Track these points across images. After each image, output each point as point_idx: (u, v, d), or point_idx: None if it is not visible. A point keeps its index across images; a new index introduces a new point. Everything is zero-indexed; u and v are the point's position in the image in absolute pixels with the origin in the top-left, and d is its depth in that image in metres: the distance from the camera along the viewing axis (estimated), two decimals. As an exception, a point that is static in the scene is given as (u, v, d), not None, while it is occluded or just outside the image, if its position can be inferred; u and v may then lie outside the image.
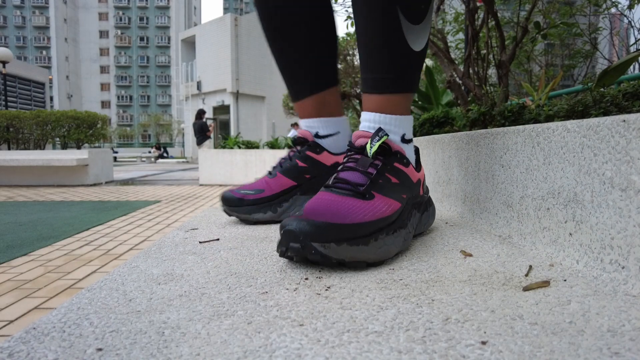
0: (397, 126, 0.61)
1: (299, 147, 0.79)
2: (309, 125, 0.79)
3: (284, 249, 0.48)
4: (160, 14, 62.91)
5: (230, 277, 0.47)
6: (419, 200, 0.63)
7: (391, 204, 0.53)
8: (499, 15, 1.24)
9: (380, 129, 0.57)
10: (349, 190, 0.53)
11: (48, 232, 2.39)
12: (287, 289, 0.42)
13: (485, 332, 0.31)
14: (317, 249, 0.46)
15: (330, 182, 0.56)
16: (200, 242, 0.63)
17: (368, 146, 0.56)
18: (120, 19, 62.70)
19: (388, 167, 0.57)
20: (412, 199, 0.60)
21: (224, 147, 6.40)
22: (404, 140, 0.61)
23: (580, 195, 0.47)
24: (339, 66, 4.80)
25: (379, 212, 0.51)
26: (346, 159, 0.60)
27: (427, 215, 0.65)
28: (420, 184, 0.64)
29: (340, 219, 0.48)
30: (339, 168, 0.59)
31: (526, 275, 0.44)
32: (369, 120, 0.61)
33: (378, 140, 0.56)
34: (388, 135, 0.57)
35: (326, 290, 0.42)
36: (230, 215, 0.76)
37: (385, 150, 0.58)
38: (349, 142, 0.61)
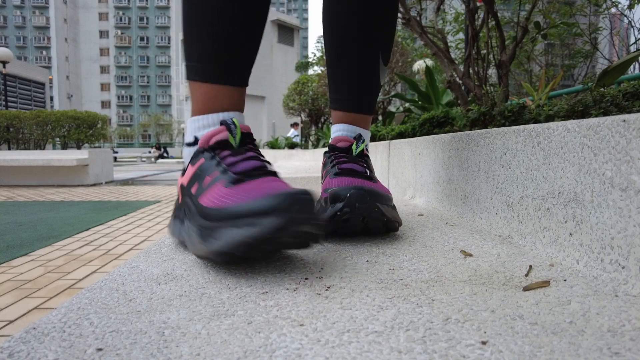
0: (366, 138, 0.78)
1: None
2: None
3: (349, 209, 0.57)
4: (160, 14, 62.91)
5: (230, 277, 0.47)
6: None
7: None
8: (499, 15, 1.24)
9: (360, 136, 0.74)
10: (362, 176, 0.67)
11: (48, 232, 2.39)
12: (287, 289, 0.42)
13: (485, 332, 0.31)
14: (379, 207, 0.58)
15: (339, 171, 0.68)
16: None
17: (354, 147, 0.73)
18: (121, 19, 62.71)
19: (369, 163, 0.74)
20: None
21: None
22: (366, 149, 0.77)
23: (580, 195, 0.47)
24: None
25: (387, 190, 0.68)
26: (333, 156, 0.73)
27: None
28: None
29: (383, 190, 0.64)
30: (335, 162, 0.71)
31: (526, 275, 0.44)
32: (348, 130, 0.77)
33: (362, 144, 0.73)
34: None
35: (326, 290, 0.42)
36: None
37: (361, 153, 0.73)
38: (331, 144, 0.75)
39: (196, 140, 0.59)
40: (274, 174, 0.53)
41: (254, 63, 0.64)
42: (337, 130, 0.78)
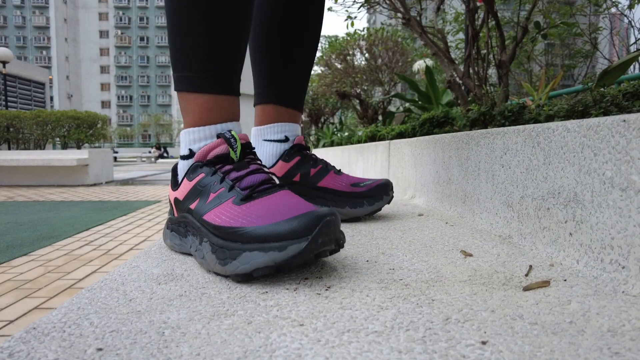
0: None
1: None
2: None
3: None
4: (161, 14, 62.90)
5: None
6: None
7: None
8: (499, 15, 1.24)
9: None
10: None
11: (48, 232, 2.39)
12: (287, 289, 0.42)
13: (485, 332, 0.31)
14: None
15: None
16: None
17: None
18: (120, 19, 62.71)
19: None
20: None
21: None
22: None
23: (580, 195, 0.47)
24: (339, 66, 4.80)
25: None
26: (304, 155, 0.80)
27: None
28: None
29: None
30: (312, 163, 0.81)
31: (526, 275, 0.44)
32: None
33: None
34: None
35: (326, 290, 0.42)
36: None
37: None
38: (299, 144, 0.81)
39: (191, 153, 0.57)
40: (282, 187, 0.52)
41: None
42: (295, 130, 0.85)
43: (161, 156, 19.73)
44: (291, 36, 0.81)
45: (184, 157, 0.59)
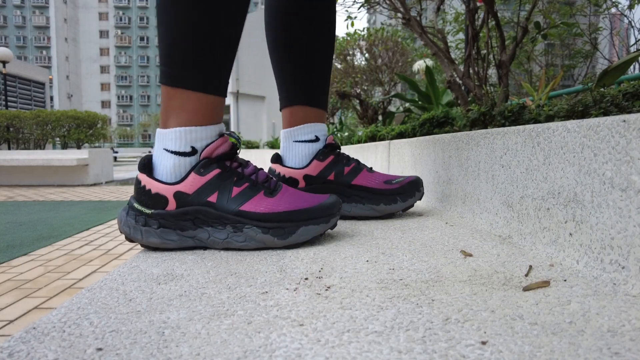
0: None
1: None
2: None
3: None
4: (161, 14, 62.81)
5: (230, 277, 0.47)
6: None
7: None
8: (499, 15, 1.24)
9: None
10: None
11: (48, 232, 2.39)
12: (287, 289, 0.42)
13: (485, 332, 0.31)
14: None
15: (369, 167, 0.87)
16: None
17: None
18: (120, 19, 62.71)
19: None
20: None
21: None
22: None
23: (580, 195, 0.47)
24: (339, 66, 4.80)
25: None
26: (335, 155, 0.83)
27: None
28: None
29: None
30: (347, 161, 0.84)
31: (526, 275, 0.44)
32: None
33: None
34: None
35: (326, 290, 0.42)
36: None
37: None
38: (332, 144, 0.84)
39: (194, 151, 0.59)
40: (278, 182, 0.65)
41: None
42: (325, 129, 0.88)
43: (161, 156, 19.68)
44: (312, 37, 0.83)
45: (182, 154, 0.59)
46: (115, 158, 19.36)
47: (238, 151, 0.63)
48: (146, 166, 0.60)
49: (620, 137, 0.41)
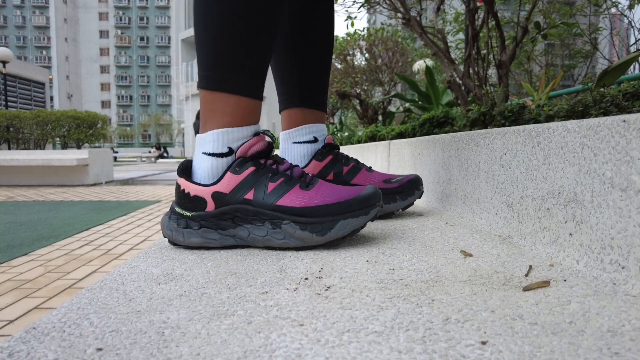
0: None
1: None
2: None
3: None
4: (160, 14, 62.93)
5: (230, 277, 0.47)
6: None
7: None
8: (499, 15, 1.24)
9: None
10: None
11: (48, 232, 2.39)
12: (287, 289, 0.42)
13: (485, 332, 0.31)
14: None
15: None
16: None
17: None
18: (120, 19, 62.71)
19: None
20: None
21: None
22: None
23: (580, 195, 0.47)
24: (339, 66, 4.80)
25: None
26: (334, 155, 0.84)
27: None
28: None
29: None
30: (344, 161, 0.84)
31: (526, 275, 0.44)
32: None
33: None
34: None
35: (326, 290, 0.42)
36: None
37: None
38: (330, 144, 0.84)
39: (230, 151, 0.61)
40: (314, 176, 0.66)
41: None
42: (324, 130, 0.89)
43: (161, 156, 19.74)
44: (310, 38, 0.83)
45: (220, 155, 0.61)
46: (115, 158, 19.39)
47: (273, 149, 0.64)
48: (185, 170, 0.62)
49: (620, 137, 0.41)
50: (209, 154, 0.61)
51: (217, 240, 0.59)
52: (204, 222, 0.59)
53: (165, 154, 21.69)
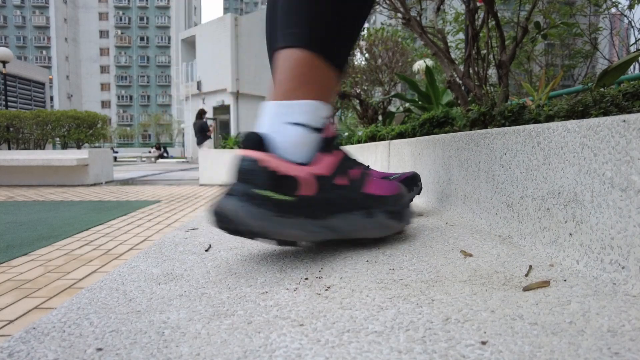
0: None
1: None
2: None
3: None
4: (160, 14, 62.91)
5: (230, 277, 0.47)
6: None
7: None
8: (499, 15, 1.24)
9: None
10: None
11: (48, 232, 2.39)
12: (287, 289, 0.42)
13: (485, 332, 0.31)
14: None
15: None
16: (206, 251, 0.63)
17: None
18: (120, 19, 62.70)
19: None
20: None
21: (224, 147, 6.40)
22: None
23: (580, 195, 0.47)
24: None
25: None
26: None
27: None
28: None
29: None
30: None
31: (526, 275, 0.44)
32: None
33: None
34: None
35: (326, 290, 0.42)
36: None
37: None
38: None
39: (321, 129, 0.52)
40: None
41: None
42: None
43: (161, 156, 19.75)
44: None
45: (314, 129, 0.51)
46: (115, 158, 19.39)
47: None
48: (259, 144, 0.49)
49: (620, 137, 0.41)
50: (303, 125, 0.50)
51: (314, 232, 0.50)
52: (300, 210, 0.48)
53: (165, 154, 21.70)
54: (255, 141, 0.48)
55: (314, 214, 0.50)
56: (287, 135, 0.50)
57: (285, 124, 0.50)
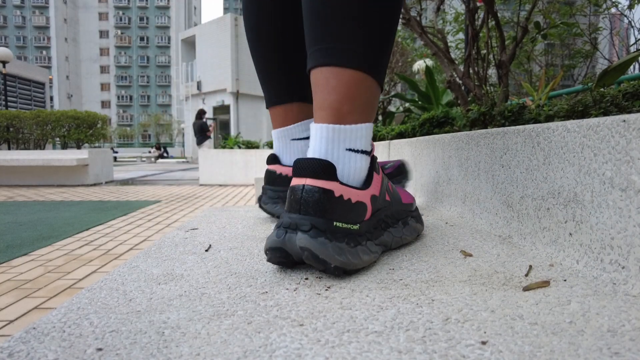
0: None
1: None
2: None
3: None
4: (160, 14, 62.92)
5: (230, 277, 0.47)
6: None
7: None
8: (499, 15, 1.24)
9: None
10: None
11: (48, 232, 2.39)
12: (287, 289, 0.42)
13: (485, 332, 0.31)
14: None
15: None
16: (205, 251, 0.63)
17: None
18: (120, 19, 62.71)
19: None
20: None
21: (224, 147, 6.40)
22: None
23: (580, 195, 0.47)
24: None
25: None
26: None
27: None
28: None
29: None
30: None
31: (526, 275, 0.44)
32: None
33: None
34: None
35: (326, 290, 0.42)
36: None
37: None
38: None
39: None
40: None
41: None
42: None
43: (161, 156, 19.75)
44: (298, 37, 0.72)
45: (368, 153, 0.51)
46: (115, 158, 19.39)
47: None
48: (330, 173, 0.45)
49: (620, 137, 0.41)
50: (362, 152, 0.50)
51: (376, 254, 0.49)
52: (365, 236, 0.48)
53: (165, 154, 21.70)
54: (328, 170, 0.45)
55: (372, 236, 0.50)
56: (350, 162, 0.49)
57: (346, 151, 0.49)
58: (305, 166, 0.45)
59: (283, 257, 0.46)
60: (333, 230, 0.44)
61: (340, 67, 0.49)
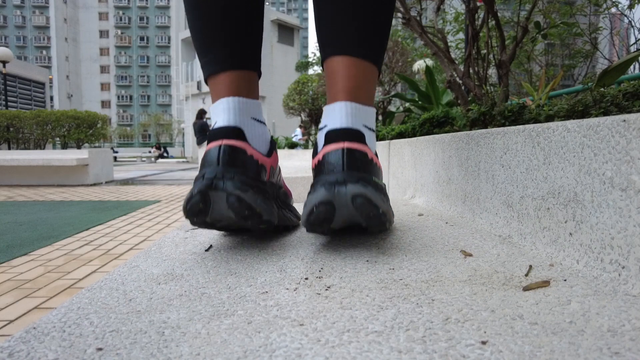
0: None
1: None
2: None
3: None
4: (160, 14, 62.91)
5: (230, 277, 0.47)
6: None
7: None
8: (499, 15, 1.24)
9: None
10: None
11: (48, 232, 2.39)
12: (287, 288, 0.42)
13: (485, 332, 0.31)
14: None
15: None
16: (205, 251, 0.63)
17: None
18: (121, 19, 62.69)
19: None
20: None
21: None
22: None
23: (580, 195, 0.47)
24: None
25: None
26: None
27: None
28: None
29: None
30: None
31: (526, 275, 0.44)
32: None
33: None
34: None
35: (326, 290, 0.42)
36: None
37: None
38: None
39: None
40: None
41: None
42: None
43: (161, 156, 19.74)
44: None
45: (373, 131, 0.61)
46: (115, 158, 19.39)
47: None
48: (363, 139, 0.56)
49: (620, 137, 0.41)
50: (373, 130, 0.60)
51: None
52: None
53: (165, 154, 21.69)
54: (359, 137, 0.55)
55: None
56: (368, 135, 0.58)
57: (364, 127, 0.58)
58: (342, 134, 0.55)
59: (330, 214, 0.51)
60: (375, 184, 0.52)
61: (359, 58, 0.59)
